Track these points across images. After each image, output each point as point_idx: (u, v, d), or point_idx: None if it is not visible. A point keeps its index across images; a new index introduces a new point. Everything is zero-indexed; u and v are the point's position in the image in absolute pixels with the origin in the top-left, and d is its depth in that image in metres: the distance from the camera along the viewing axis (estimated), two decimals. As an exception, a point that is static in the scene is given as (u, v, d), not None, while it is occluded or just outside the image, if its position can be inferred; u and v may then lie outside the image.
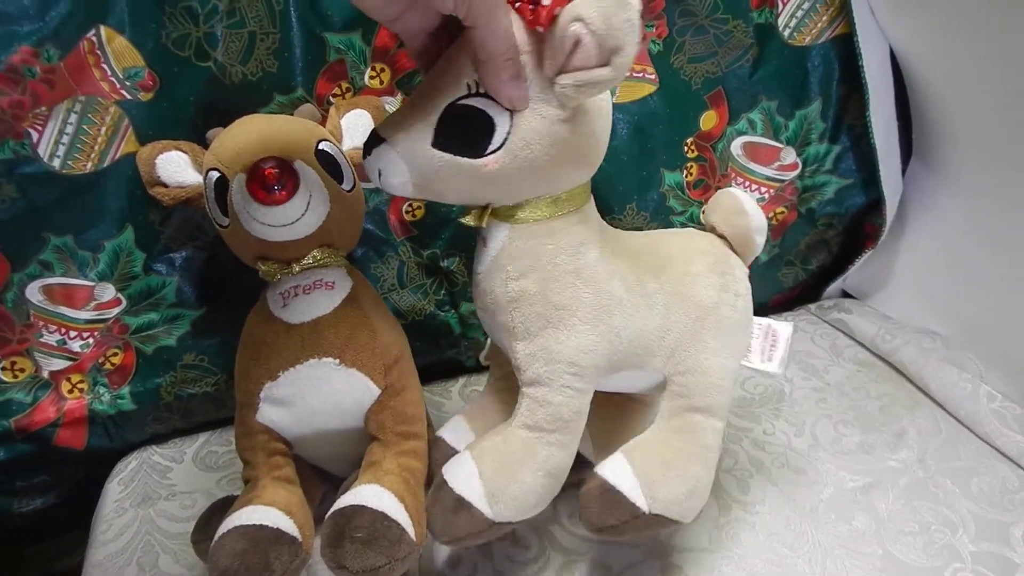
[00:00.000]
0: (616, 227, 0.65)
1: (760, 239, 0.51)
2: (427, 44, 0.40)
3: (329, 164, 0.48)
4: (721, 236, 0.51)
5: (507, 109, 0.39)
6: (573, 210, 0.44)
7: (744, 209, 0.50)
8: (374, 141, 0.41)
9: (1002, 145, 0.63)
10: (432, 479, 0.48)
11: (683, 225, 0.73)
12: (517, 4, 0.38)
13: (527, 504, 0.45)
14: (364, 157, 0.42)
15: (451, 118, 0.40)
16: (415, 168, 0.41)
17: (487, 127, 0.40)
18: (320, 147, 0.48)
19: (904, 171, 0.75)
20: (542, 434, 0.45)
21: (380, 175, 0.42)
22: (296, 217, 0.44)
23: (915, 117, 0.73)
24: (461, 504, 0.43)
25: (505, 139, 0.40)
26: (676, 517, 0.46)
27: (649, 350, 0.47)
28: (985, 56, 0.61)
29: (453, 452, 0.52)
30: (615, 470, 0.45)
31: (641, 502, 0.44)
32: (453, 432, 0.55)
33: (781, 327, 0.52)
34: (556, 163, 0.41)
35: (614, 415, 0.54)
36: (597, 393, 0.48)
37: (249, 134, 0.46)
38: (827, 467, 0.60)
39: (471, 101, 0.40)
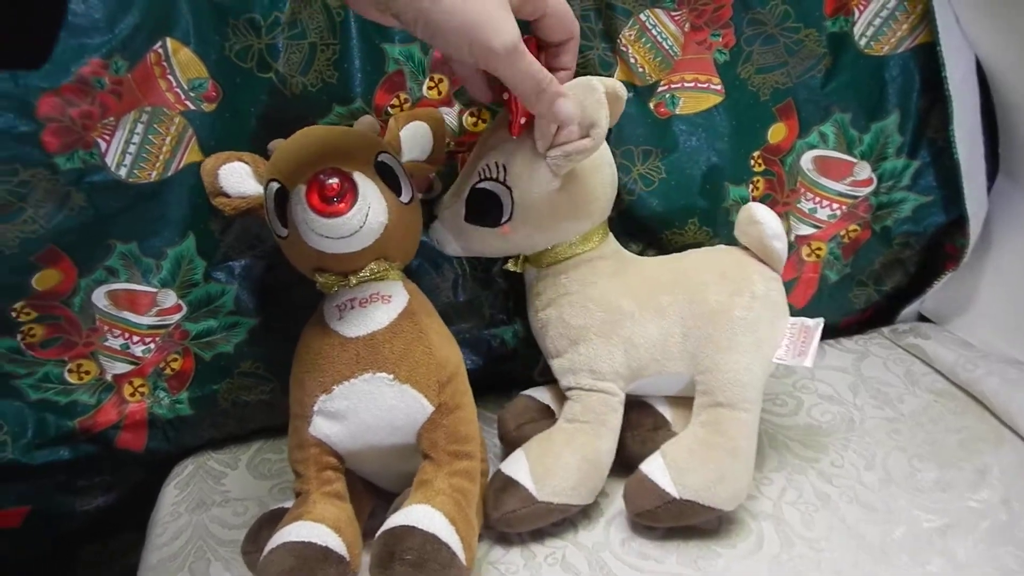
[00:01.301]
0: (676, 241, 0.64)
1: (778, 244, 0.55)
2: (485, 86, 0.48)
3: (388, 176, 0.48)
4: (746, 248, 0.58)
5: (508, 186, 0.50)
6: (588, 250, 0.55)
7: (755, 219, 0.54)
8: (430, 218, 0.55)
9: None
10: (507, 440, 0.60)
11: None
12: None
13: (566, 484, 0.52)
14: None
15: (474, 198, 0.52)
16: (458, 238, 0.54)
17: (497, 203, 0.51)
18: (379, 159, 0.47)
19: (989, 188, 0.71)
20: (580, 424, 0.54)
21: (439, 243, 0.56)
22: (355, 229, 0.44)
23: (1002, 131, 0.69)
24: (509, 483, 0.52)
25: (512, 210, 0.51)
26: (708, 503, 0.51)
27: (668, 355, 0.55)
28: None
29: (537, 405, 0.60)
30: (650, 462, 0.53)
31: (671, 489, 0.51)
32: (538, 391, 0.62)
33: (812, 323, 0.55)
34: (557, 220, 0.52)
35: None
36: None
37: (309, 146, 0.46)
38: (900, 504, 0.57)
39: (483, 185, 0.52)
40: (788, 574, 0.51)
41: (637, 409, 0.59)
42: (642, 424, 0.58)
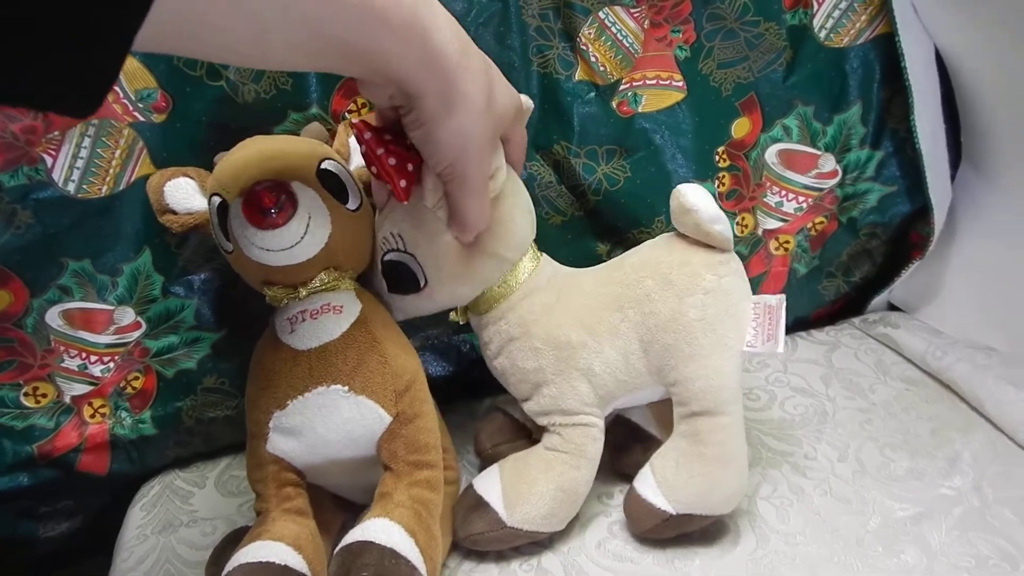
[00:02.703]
0: (644, 240, 0.63)
1: (719, 227, 0.49)
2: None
3: (333, 184, 0.46)
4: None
5: (410, 253, 0.49)
6: (518, 286, 0.52)
7: (687, 207, 0.49)
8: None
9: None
10: (483, 457, 0.59)
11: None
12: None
13: (538, 512, 0.51)
14: None
15: (388, 270, 0.51)
16: (392, 307, 0.52)
17: (408, 271, 0.49)
18: (323, 166, 0.46)
19: (953, 177, 0.71)
20: (558, 453, 0.52)
21: None
22: (295, 241, 0.43)
23: (964, 120, 0.69)
24: (479, 503, 0.51)
25: (424, 273, 0.49)
26: (705, 512, 0.50)
27: (635, 373, 0.52)
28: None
29: (512, 423, 0.59)
30: (641, 481, 0.52)
31: (666, 506, 0.50)
32: (513, 406, 0.60)
33: (775, 301, 0.51)
34: (473, 267, 0.50)
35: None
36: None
37: (248, 156, 0.45)
38: (873, 495, 0.56)
39: (389, 257, 0.50)
40: (764, 570, 0.51)
41: (624, 430, 0.58)
42: (632, 449, 0.57)
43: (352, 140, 0.52)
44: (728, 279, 0.51)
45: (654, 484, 0.50)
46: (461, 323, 0.55)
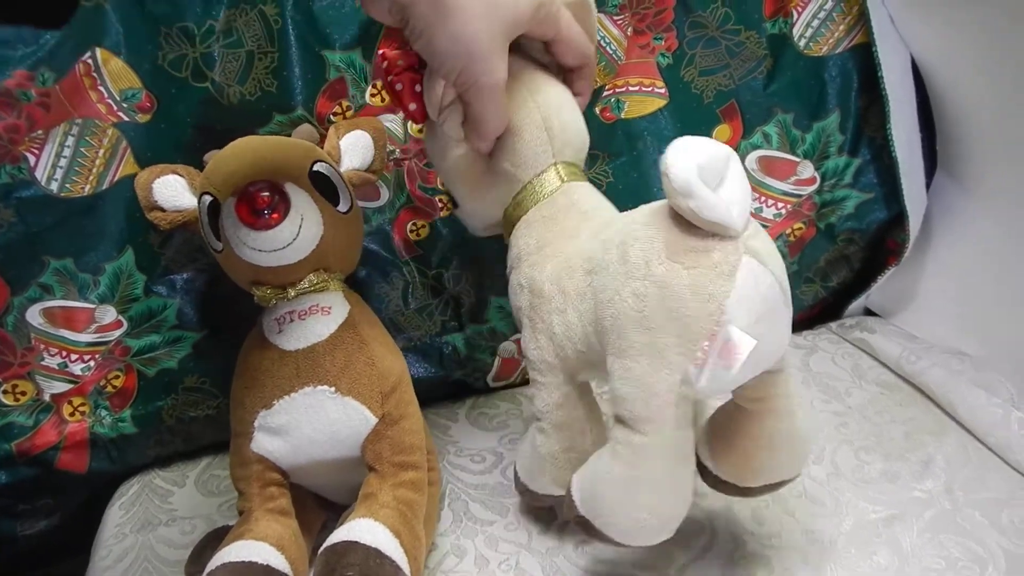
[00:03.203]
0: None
1: (684, 202, 0.36)
2: None
3: (324, 186, 0.47)
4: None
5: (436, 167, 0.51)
6: (520, 218, 0.49)
7: (663, 169, 0.36)
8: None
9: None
10: None
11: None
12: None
13: (534, 477, 0.52)
14: None
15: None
16: (463, 220, 0.56)
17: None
18: (315, 168, 0.46)
19: (929, 184, 0.72)
20: (535, 421, 0.50)
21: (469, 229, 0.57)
22: (287, 242, 0.43)
23: (939, 128, 0.70)
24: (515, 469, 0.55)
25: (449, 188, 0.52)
26: (600, 529, 0.42)
27: (593, 348, 0.44)
28: (1014, 64, 0.58)
29: None
30: (581, 469, 0.45)
31: (579, 503, 0.44)
32: None
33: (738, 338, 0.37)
34: (482, 184, 0.49)
35: (725, 423, 0.47)
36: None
37: (241, 156, 0.45)
38: (847, 497, 0.57)
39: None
40: (739, 572, 0.52)
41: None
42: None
43: (342, 142, 0.52)
44: (699, 273, 0.37)
45: (578, 478, 0.44)
46: (507, 243, 0.52)
